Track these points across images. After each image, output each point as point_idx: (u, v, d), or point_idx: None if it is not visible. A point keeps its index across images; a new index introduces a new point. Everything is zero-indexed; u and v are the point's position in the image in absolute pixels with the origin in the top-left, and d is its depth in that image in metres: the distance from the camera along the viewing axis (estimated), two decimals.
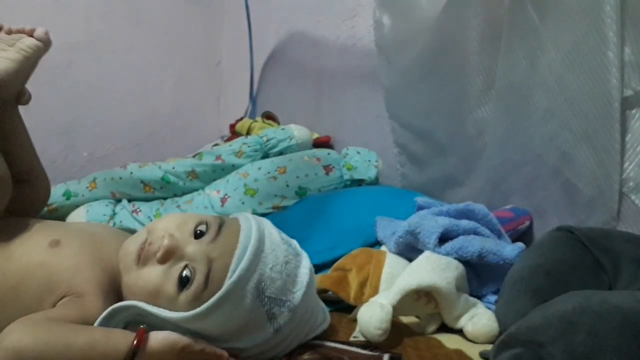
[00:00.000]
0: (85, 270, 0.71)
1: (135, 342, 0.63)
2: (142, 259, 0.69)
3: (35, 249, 0.72)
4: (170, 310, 0.67)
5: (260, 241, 0.70)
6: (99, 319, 0.66)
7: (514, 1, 1.05)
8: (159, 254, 0.68)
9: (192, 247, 0.68)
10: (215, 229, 0.71)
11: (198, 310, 0.65)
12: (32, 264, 0.71)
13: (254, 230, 0.71)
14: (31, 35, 0.81)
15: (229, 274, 0.67)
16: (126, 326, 0.68)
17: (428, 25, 1.24)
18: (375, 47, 1.43)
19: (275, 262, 0.70)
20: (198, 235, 0.71)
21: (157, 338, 0.65)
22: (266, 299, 0.68)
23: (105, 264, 0.72)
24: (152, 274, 0.68)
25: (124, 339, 0.64)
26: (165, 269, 0.68)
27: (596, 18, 0.90)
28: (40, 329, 0.62)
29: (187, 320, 0.66)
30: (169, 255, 0.68)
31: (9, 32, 0.80)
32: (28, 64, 0.80)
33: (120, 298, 0.71)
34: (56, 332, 0.62)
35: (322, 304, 0.84)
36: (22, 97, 0.83)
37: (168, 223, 0.72)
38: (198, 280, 0.66)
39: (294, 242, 0.79)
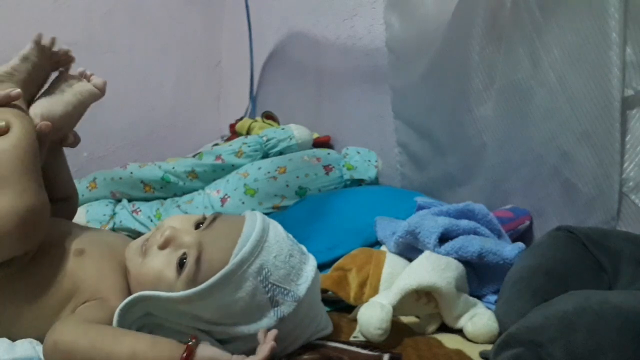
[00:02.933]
0: (108, 277, 0.74)
1: (184, 354, 0.64)
2: (146, 248, 0.72)
3: (62, 258, 0.75)
4: None
5: (264, 231, 0.73)
6: (114, 321, 0.67)
7: (517, 0, 1.05)
8: (160, 241, 0.71)
9: (190, 236, 0.71)
10: (210, 219, 0.74)
11: (200, 287, 0.67)
12: (59, 273, 0.73)
13: (259, 221, 0.74)
14: (88, 81, 0.84)
15: (232, 258, 0.69)
16: (139, 329, 0.69)
17: (436, 25, 1.24)
18: (386, 48, 1.43)
19: (279, 252, 0.72)
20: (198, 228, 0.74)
21: (206, 352, 0.66)
22: (269, 285, 0.70)
23: (123, 271, 0.75)
24: (154, 261, 0.71)
25: (170, 351, 0.65)
26: (166, 255, 0.71)
27: (600, 18, 0.90)
28: (92, 331, 0.65)
29: (189, 298, 0.67)
30: (169, 242, 0.71)
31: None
32: (81, 109, 0.83)
33: None
34: (105, 335, 0.65)
35: (326, 314, 0.84)
36: (66, 140, 0.84)
37: (173, 220, 0.76)
38: (189, 262, 0.69)
39: (302, 246, 0.80)
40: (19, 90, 0.75)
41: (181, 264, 0.69)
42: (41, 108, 0.78)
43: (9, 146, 0.69)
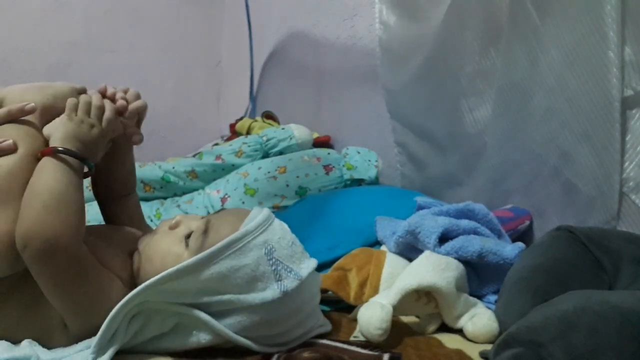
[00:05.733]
0: (108, 262, 0.75)
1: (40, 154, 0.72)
2: (157, 229, 0.78)
3: None
4: None
5: (270, 217, 0.77)
6: (115, 309, 0.68)
7: (515, 0, 1.05)
8: (170, 222, 0.77)
9: (198, 222, 0.76)
10: (217, 210, 0.81)
11: (208, 251, 0.70)
12: None
13: (265, 210, 0.78)
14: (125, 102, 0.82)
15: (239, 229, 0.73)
16: (133, 316, 0.70)
17: (431, 26, 1.24)
18: (379, 47, 1.44)
19: (283, 236, 0.76)
20: None
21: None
22: (274, 259, 0.73)
23: (126, 257, 0.77)
24: (164, 238, 0.76)
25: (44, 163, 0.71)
26: (174, 234, 0.75)
27: (597, 17, 0.90)
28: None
29: (197, 265, 0.69)
30: (179, 223, 0.76)
31: (103, 93, 0.81)
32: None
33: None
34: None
35: (323, 316, 0.85)
36: (130, 138, 0.85)
37: (180, 215, 0.82)
38: (197, 234, 0.73)
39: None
40: (33, 104, 0.75)
41: (186, 237, 0.73)
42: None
43: (15, 168, 0.71)
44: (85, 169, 0.76)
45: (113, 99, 0.82)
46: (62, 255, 0.67)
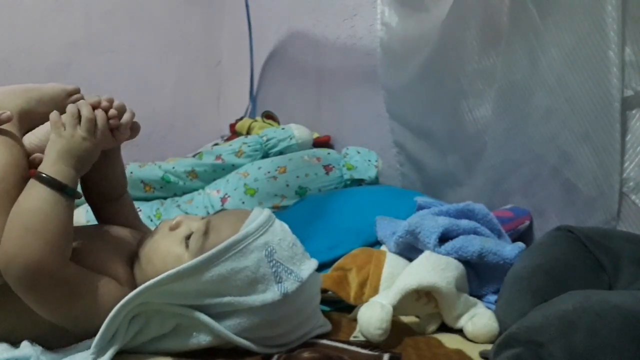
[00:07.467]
0: (108, 267, 0.74)
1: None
2: (157, 229, 0.78)
3: None
4: None
5: (271, 218, 0.77)
6: (114, 310, 0.68)
7: (515, 0, 1.05)
8: (171, 223, 0.77)
9: (198, 222, 0.76)
10: (217, 211, 0.81)
11: (208, 253, 0.70)
12: None
13: (266, 211, 0.78)
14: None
15: (239, 231, 0.73)
16: (134, 317, 0.71)
17: (433, 26, 1.24)
18: (380, 48, 1.44)
19: (283, 238, 0.75)
20: None
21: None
22: (274, 261, 0.73)
23: (126, 258, 0.77)
24: (164, 239, 0.75)
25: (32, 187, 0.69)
26: (175, 235, 0.75)
27: (597, 17, 0.90)
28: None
29: (198, 267, 0.69)
30: (179, 224, 0.76)
31: (96, 106, 0.77)
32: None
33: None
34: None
35: (323, 317, 0.85)
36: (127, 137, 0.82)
37: (181, 215, 0.81)
38: (197, 235, 0.73)
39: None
40: (8, 114, 0.73)
41: (186, 238, 0.73)
42: (40, 138, 0.77)
43: None
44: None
45: (106, 111, 0.78)
46: (45, 280, 0.66)
